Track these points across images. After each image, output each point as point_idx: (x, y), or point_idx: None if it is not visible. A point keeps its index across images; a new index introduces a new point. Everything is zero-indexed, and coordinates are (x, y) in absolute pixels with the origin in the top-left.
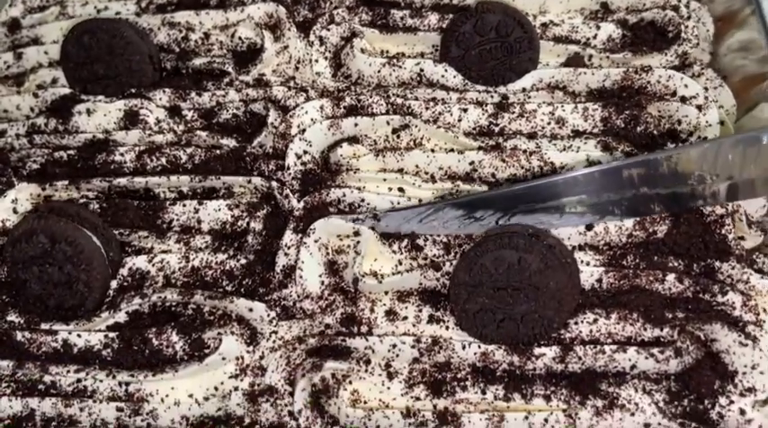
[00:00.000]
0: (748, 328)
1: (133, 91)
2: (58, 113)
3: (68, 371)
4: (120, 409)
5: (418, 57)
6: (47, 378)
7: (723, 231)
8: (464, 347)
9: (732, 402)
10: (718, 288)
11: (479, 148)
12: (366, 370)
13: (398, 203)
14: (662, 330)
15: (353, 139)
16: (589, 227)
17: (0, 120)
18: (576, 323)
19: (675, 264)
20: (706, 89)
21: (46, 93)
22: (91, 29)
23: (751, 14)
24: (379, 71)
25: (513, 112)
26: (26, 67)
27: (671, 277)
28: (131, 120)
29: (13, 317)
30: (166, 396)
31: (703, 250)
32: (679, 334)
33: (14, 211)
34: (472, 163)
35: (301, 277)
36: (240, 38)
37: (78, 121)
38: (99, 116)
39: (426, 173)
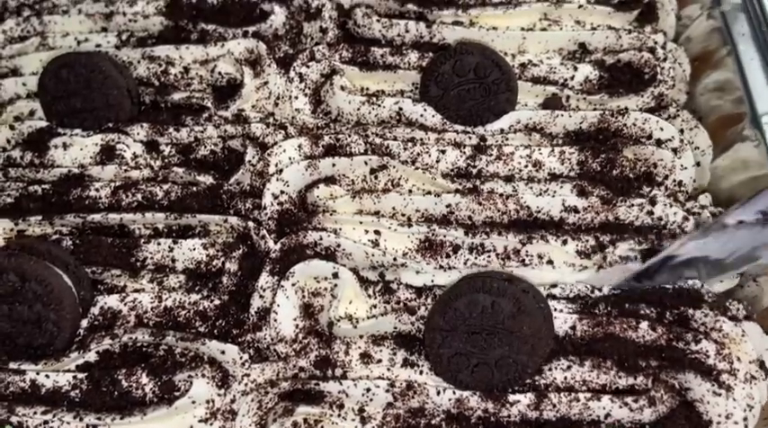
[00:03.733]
0: (722, 377)
1: (110, 125)
2: (35, 146)
3: (35, 413)
4: None
5: (398, 95)
6: (13, 420)
7: None
8: (439, 393)
9: None
10: (691, 336)
11: (456, 191)
12: (339, 415)
13: (373, 255)
14: (636, 378)
15: (331, 179)
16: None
17: None
18: (550, 369)
19: (648, 312)
20: (682, 131)
21: (22, 126)
22: (69, 62)
23: (727, 55)
24: (358, 109)
25: (491, 155)
26: (4, 98)
27: (644, 325)
28: (108, 154)
29: None
30: None
31: (676, 297)
32: (653, 382)
33: None
34: (449, 205)
35: (276, 320)
36: (220, 73)
37: (54, 155)
38: (75, 150)
39: (403, 216)
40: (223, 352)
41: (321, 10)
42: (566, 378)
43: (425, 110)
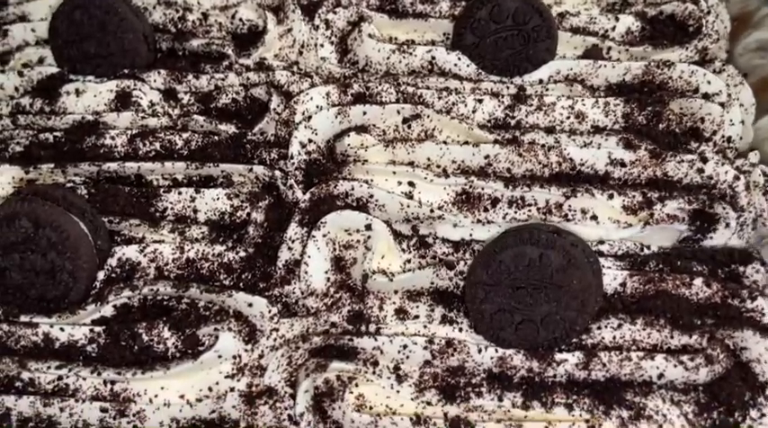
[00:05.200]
0: None
1: (126, 71)
2: (45, 93)
3: (49, 368)
4: (104, 410)
5: (429, 44)
6: (25, 375)
7: None
8: (480, 351)
9: (764, 415)
10: (747, 293)
11: (495, 142)
12: (374, 372)
13: (408, 207)
14: (690, 337)
15: (361, 128)
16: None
17: None
18: (599, 328)
19: (699, 269)
20: (727, 86)
21: (32, 73)
22: (83, 4)
23: None
24: (388, 58)
25: (531, 105)
26: (12, 46)
27: (698, 281)
28: (123, 102)
29: None
30: (155, 396)
31: (727, 254)
32: (708, 341)
33: None
34: (487, 156)
35: (306, 273)
36: (241, 19)
37: (66, 102)
38: (89, 97)
39: (438, 167)
40: (250, 305)
41: None
42: (615, 337)
43: (459, 59)
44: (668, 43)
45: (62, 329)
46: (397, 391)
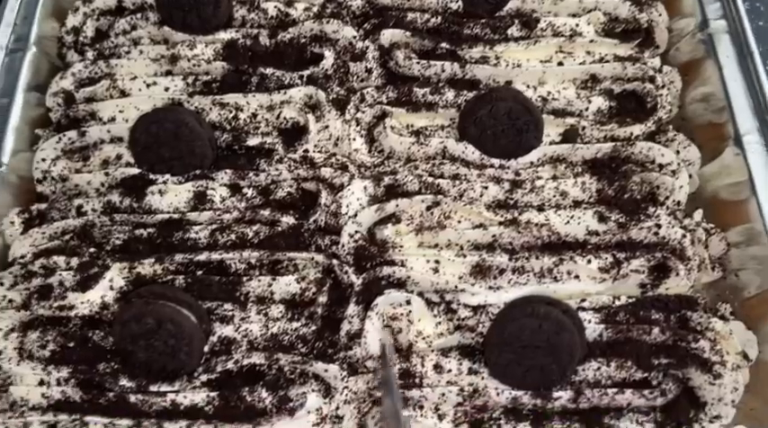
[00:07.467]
0: (715, 368)
1: (197, 172)
2: (132, 192)
3: (180, 426)
4: None
5: (439, 129)
6: None
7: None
8: (498, 393)
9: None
10: (692, 336)
11: (500, 223)
12: (421, 415)
13: (437, 283)
14: (650, 374)
15: (395, 216)
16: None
17: (73, 193)
18: (584, 370)
19: (657, 317)
20: (678, 152)
21: (116, 172)
22: (157, 119)
23: (713, 72)
24: (408, 148)
25: (525, 188)
26: (89, 142)
27: (656, 330)
28: (200, 199)
29: (124, 382)
30: None
31: (677, 302)
32: (663, 377)
33: (111, 288)
34: (494, 235)
35: (365, 343)
36: (285, 118)
37: (151, 201)
38: (170, 196)
39: (457, 246)
40: (326, 371)
41: (365, 52)
42: (595, 375)
43: (466, 147)
44: (631, 120)
45: (185, 396)
46: None
